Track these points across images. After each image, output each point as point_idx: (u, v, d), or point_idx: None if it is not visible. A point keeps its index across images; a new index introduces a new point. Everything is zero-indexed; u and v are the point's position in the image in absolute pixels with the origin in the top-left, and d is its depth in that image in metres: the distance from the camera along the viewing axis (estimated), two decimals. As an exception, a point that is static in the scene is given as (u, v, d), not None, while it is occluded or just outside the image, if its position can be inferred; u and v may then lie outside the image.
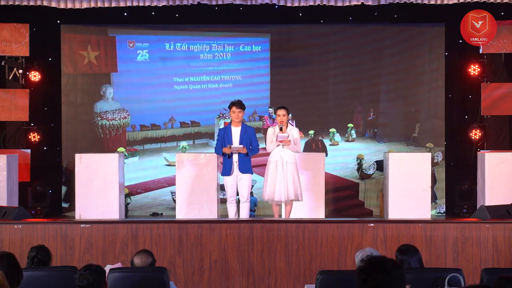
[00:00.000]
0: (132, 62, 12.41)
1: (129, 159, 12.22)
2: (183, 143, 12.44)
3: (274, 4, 10.51)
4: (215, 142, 10.01)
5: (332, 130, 12.43)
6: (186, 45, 12.46)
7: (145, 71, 12.41)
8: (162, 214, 12.09)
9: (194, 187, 9.46)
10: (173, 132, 12.51)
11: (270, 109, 12.40)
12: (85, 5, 10.22)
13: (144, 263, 5.66)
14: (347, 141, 12.44)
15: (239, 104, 9.35)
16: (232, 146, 9.20)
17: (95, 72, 12.39)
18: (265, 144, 9.52)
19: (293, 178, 9.21)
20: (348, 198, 12.34)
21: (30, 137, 11.65)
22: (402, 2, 10.41)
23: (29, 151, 11.47)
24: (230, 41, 12.50)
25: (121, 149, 12.27)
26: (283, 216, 9.35)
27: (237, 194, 9.43)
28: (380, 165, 11.89)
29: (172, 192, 12.04)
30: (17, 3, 10.26)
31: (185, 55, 12.47)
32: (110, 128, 12.37)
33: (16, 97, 11.38)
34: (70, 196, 11.39)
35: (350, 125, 12.42)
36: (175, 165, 9.61)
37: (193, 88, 12.48)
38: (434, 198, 11.67)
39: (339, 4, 10.26)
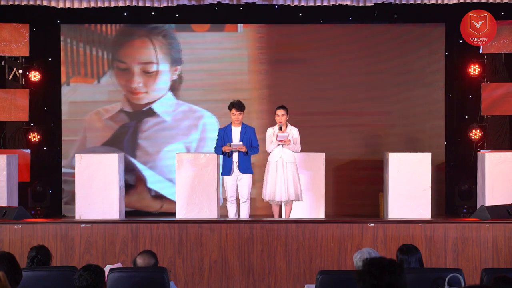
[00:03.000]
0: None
1: None
2: None
3: (273, 4, 10.49)
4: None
5: None
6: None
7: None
8: None
9: (194, 187, 9.46)
10: None
11: None
12: (84, 5, 10.22)
13: (147, 264, 5.65)
14: None
15: (238, 106, 9.32)
16: (231, 144, 9.20)
17: None
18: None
19: (293, 178, 9.21)
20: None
21: (30, 137, 11.63)
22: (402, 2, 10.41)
23: (29, 151, 11.46)
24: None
25: None
26: (283, 216, 9.35)
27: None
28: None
29: None
30: (17, 3, 10.26)
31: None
32: None
33: (16, 97, 11.37)
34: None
35: None
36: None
37: None
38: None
39: (339, 2, 10.26)
